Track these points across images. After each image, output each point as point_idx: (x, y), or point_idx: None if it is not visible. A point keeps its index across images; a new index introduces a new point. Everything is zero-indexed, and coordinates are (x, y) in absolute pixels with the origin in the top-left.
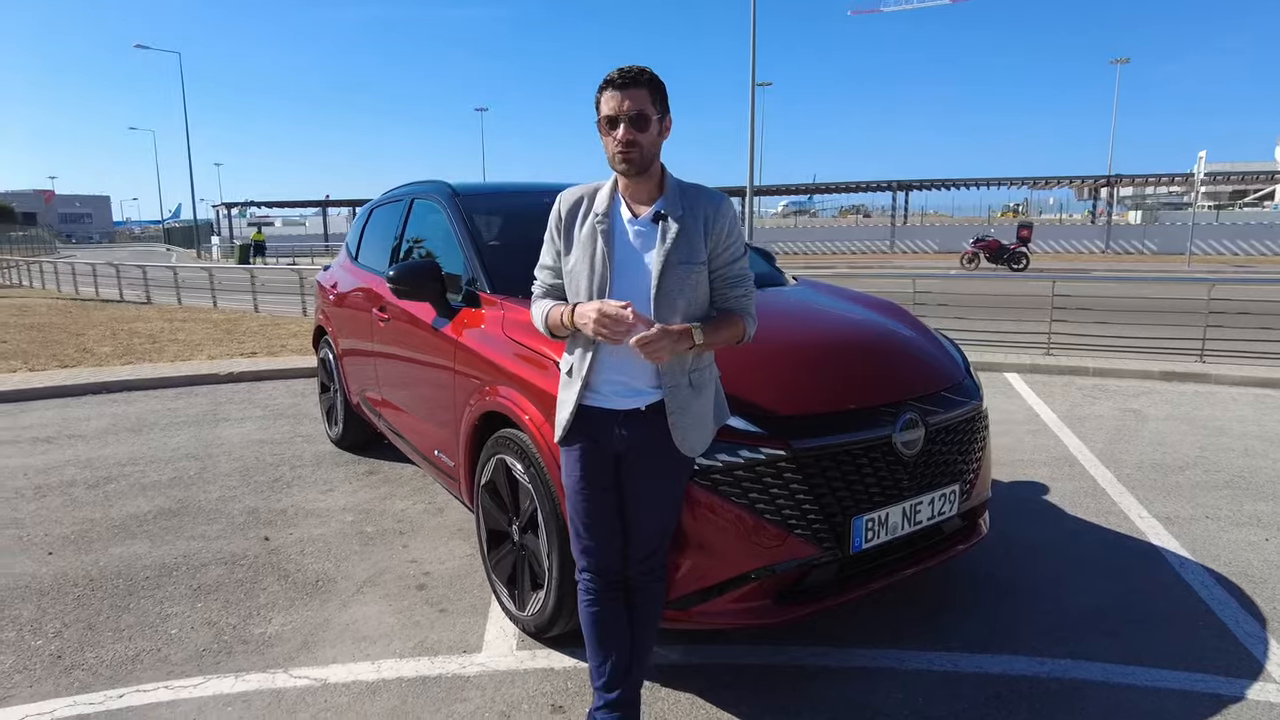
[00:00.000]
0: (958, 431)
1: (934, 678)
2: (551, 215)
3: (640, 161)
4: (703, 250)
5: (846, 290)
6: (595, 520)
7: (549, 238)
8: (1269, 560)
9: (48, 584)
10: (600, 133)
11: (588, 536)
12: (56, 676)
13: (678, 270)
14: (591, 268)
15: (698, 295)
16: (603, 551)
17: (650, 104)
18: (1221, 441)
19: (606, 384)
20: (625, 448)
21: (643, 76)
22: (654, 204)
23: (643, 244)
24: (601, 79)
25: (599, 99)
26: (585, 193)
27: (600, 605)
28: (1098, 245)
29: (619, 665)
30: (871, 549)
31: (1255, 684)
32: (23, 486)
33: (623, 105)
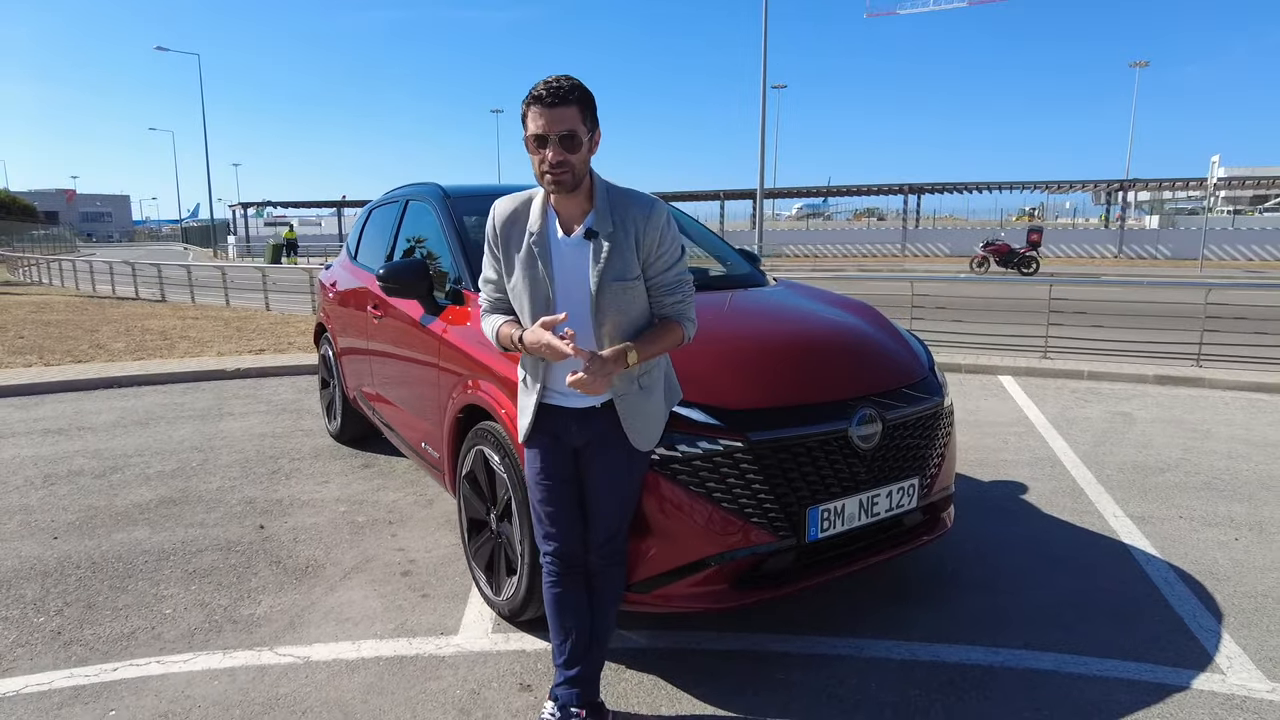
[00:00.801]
0: (917, 427)
1: (891, 665)
2: (488, 229)
3: (571, 182)
4: (636, 265)
5: (821, 291)
6: (557, 510)
7: (488, 251)
8: (1235, 559)
9: (52, 566)
10: (527, 150)
11: (550, 524)
12: (56, 651)
13: (613, 288)
14: (533, 289)
15: (635, 308)
16: (564, 538)
17: (580, 122)
18: (1206, 444)
19: (561, 385)
20: (584, 443)
21: (573, 94)
22: (585, 219)
23: (577, 262)
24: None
25: (525, 114)
26: (519, 206)
27: (562, 587)
28: (1110, 249)
29: (579, 644)
30: (828, 538)
31: (1202, 675)
32: (33, 475)
33: (552, 124)
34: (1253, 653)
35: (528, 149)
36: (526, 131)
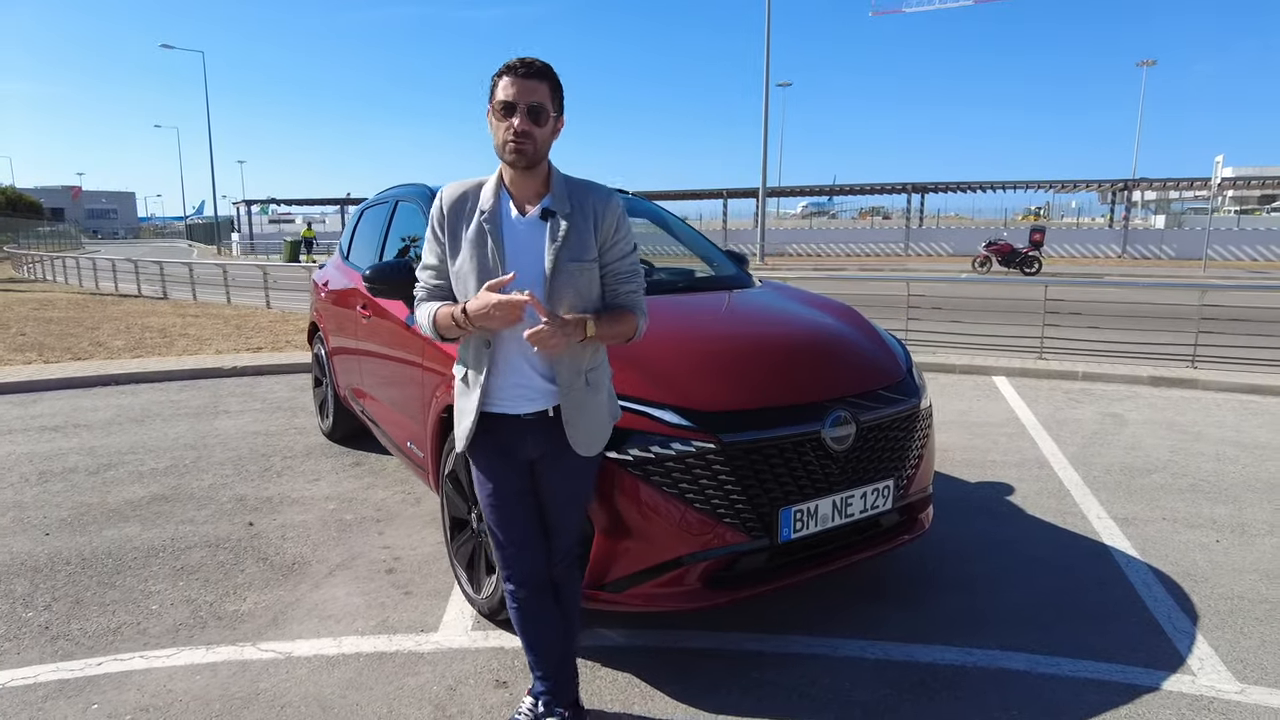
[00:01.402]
0: (893, 429)
1: (864, 665)
2: (433, 213)
3: (533, 155)
4: (593, 247)
5: (804, 293)
6: (515, 528)
7: (431, 237)
8: (1215, 561)
9: (42, 562)
10: (491, 119)
11: (509, 545)
12: (43, 645)
13: (569, 268)
14: (482, 268)
15: (590, 293)
16: (526, 558)
17: (549, 99)
18: (1195, 446)
19: (506, 389)
20: (539, 453)
21: (546, 71)
22: (541, 201)
23: (532, 242)
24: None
25: (495, 84)
26: (469, 189)
27: (530, 609)
28: (1114, 250)
29: (553, 657)
30: (801, 539)
31: (1173, 676)
32: (28, 472)
33: (521, 94)
34: (1224, 654)
35: (491, 120)
36: (493, 100)
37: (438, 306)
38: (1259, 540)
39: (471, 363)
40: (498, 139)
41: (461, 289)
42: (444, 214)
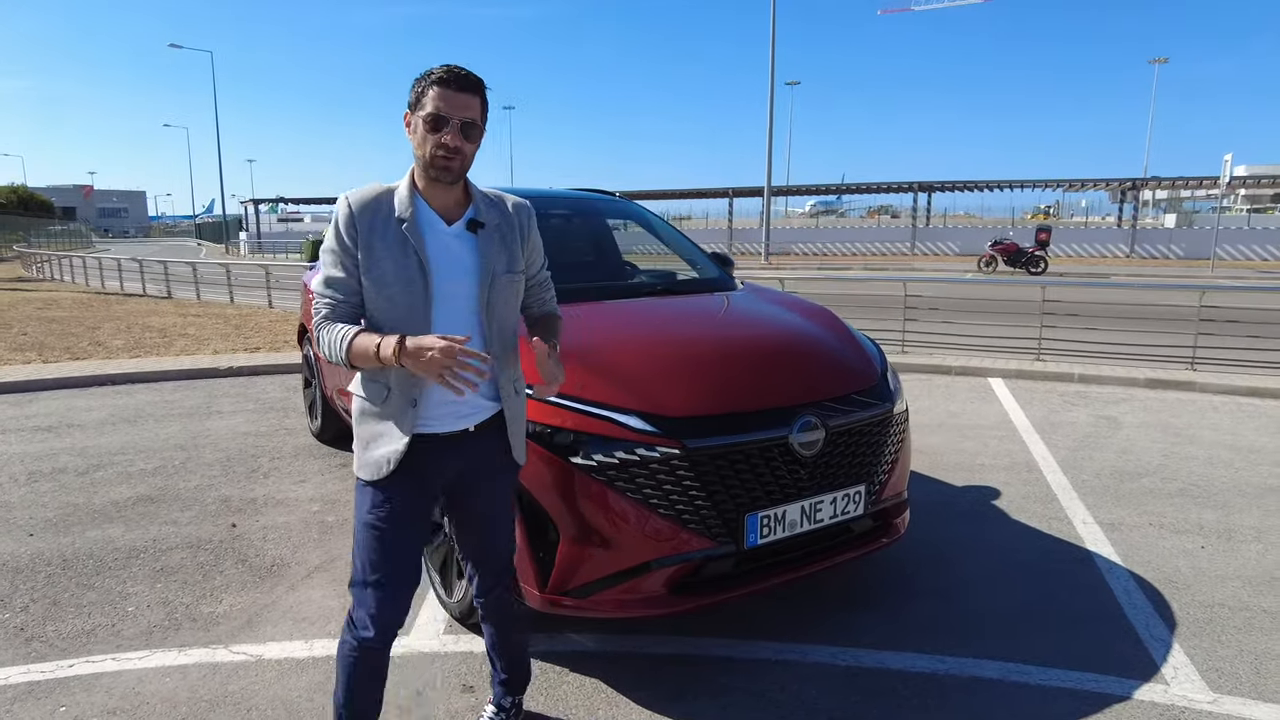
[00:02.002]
0: (864, 434)
1: (834, 671)
2: (340, 223)
3: (459, 171)
4: (521, 258)
5: (784, 295)
6: (401, 564)
7: (337, 248)
8: (1198, 567)
9: (24, 562)
10: (415, 128)
11: (388, 584)
12: (16, 647)
13: (503, 280)
14: (407, 279)
15: (517, 304)
16: (401, 600)
17: (480, 114)
18: (1187, 450)
19: (440, 406)
20: (458, 476)
21: (479, 85)
22: (465, 212)
23: (460, 253)
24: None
25: (423, 93)
26: (379, 195)
27: (378, 663)
28: (1122, 249)
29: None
30: (769, 545)
31: (1146, 685)
32: (18, 472)
33: (454, 108)
34: (1199, 663)
35: (415, 129)
36: (421, 111)
37: (351, 331)
38: (1244, 547)
39: (397, 381)
40: (423, 151)
41: (382, 301)
42: (354, 221)
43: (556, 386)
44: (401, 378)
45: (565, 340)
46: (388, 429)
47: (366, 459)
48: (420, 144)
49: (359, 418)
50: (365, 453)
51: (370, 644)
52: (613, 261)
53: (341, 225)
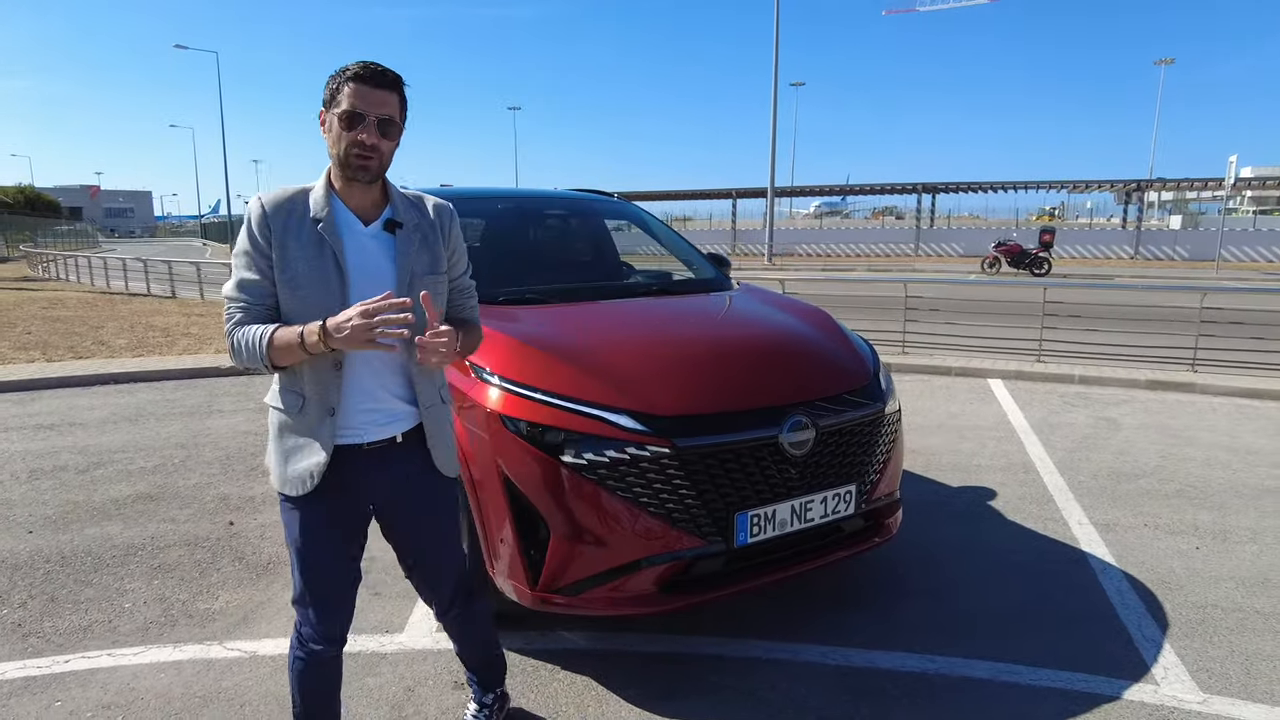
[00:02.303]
0: (855, 434)
1: (824, 671)
2: (253, 224)
3: (377, 169)
4: (444, 259)
5: (778, 296)
6: (337, 582)
7: (249, 250)
8: (1192, 568)
9: (23, 559)
10: (331, 126)
11: (328, 602)
12: (14, 642)
13: (424, 281)
14: (323, 280)
15: (443, 306)
16: (344, 612)
17: (398, 112)
18: (1185, 451)
19: (358, 414)
20: (388, 491)
21: (397, 81)
22: (383, 211)
23: (379, 254)
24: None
25: (338, 90)
26: (293, 195)
27: (333, 671)
28: (1127, 250)
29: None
30: (759, 544)
31: (1136, 685)
32: (19, 470)
33: (371, 105)
34: (1190, 663)
35: (331, 126)
36: (337, 109)
37: (269, 329)
38: (1239, 548)
39: (312, 389)
40: (338, 148)
41: (296, 304)
42: (267, 222)
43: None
44: (317, 385)
45: (558, 339)
46: (307, 442)
47: (289, 474)
48: (336, 142)
49: (277, 431)
50: (286, 467)
51: (321, 654)
52: (609, 262)
53: (254, 226)
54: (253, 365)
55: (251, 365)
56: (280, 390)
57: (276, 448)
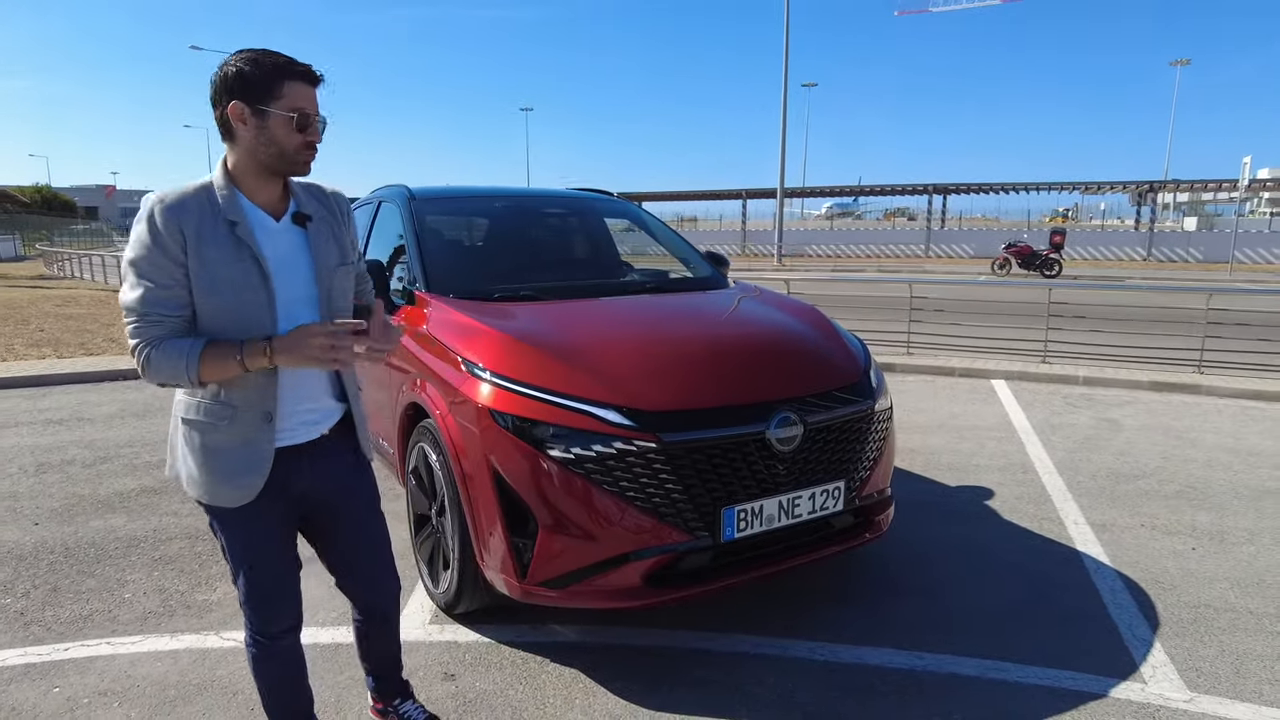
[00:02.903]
0: (844, 430)
1: (812, 666)
2: (160, 229)
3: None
4: (350, 249)
5: (771, 294)
6: (284, 578)
7: (160, 259)
8: (1186, 568)
9: (28, 550)
10: (270, 123)
11: (277, 599)
12: (16, 630)
13: (338, 273)
14: (245, 284)
15: (350, 295)
16: (295, 605)
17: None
18: (1187, 452)
19: (295, 415)
20: (314, 488)
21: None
22: (287, 205)
23: (294, 249)
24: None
25: (276, 85)
26: (195, 194)
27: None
28: (1139, 252)
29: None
30: (746, 538)
31: (1124, 683)
32: (27, 464)
33: (313, 105)
34: (1179, 662)
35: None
36: (280, 105)
37: (198, 346)
38: (1236, 549)
39: (244, 397)
40: (285, 146)
41: (212, 311)
42: (180, 228)
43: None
44: (250, 395)
45: (550, 336)
46: (243, 451)
47: (226, 488)
48: (282, 140)
49: (200, 447)
50: (220, 481)
51: (286, 643)
52: (607, 260)
53: (162, 231)
54: (173, 382)
55: (171, 382)
56: (199, 403)
57: (200, 461)
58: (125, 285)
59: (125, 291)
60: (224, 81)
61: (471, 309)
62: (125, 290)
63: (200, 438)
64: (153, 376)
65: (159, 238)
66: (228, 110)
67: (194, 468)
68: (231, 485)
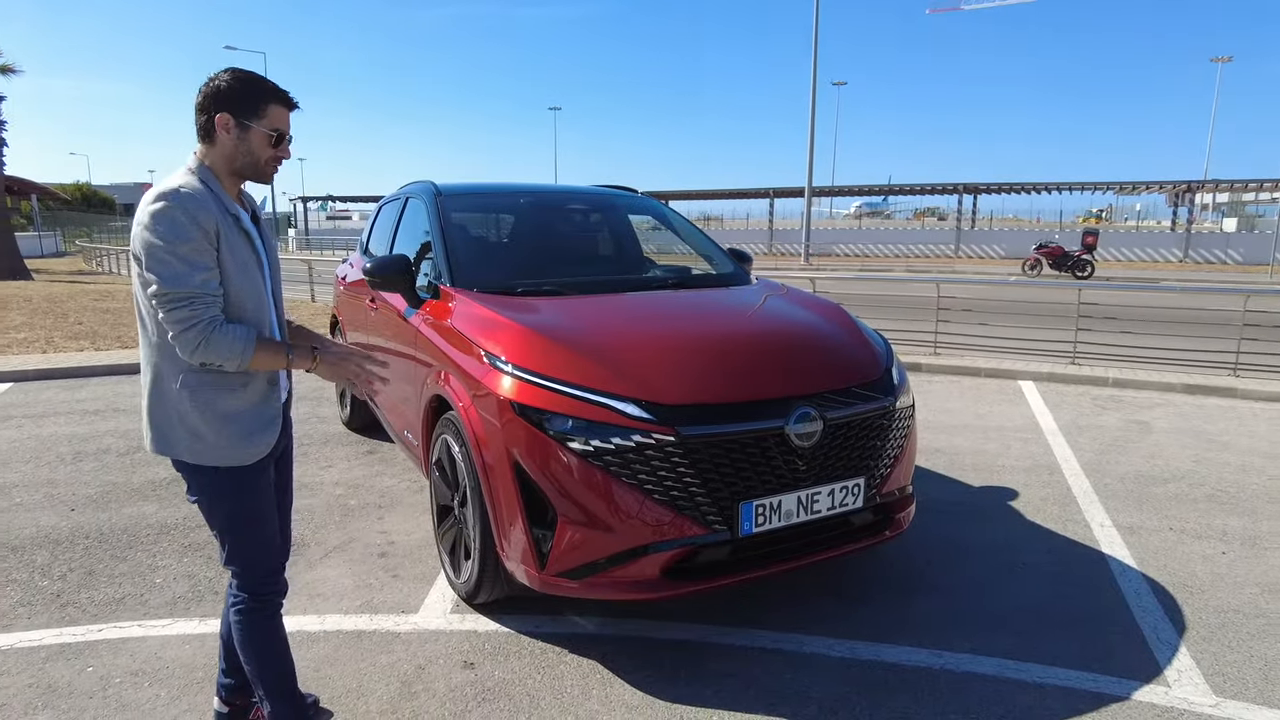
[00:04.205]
0: (864, 427)
1: (829, 662)
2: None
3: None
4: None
5: (794, 290)
6: (278, 532)
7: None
8: (1217, 572)
9: (64, 535)
10: (251, 137)
11: (280, 554)
12: (52, 611)
13: (277, 265)
14: (253, 271)
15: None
16: (285, 554)
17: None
18: (1220, 456)
19: (281, 379)
20: (284, 442)
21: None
22: (245, 205)
23: (262, 245)
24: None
25: (263, 106)
26: (201, 192)
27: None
28: (1176, 254)
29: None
30: (764, 534)
31: (1146, 686)
32: (65, 452)
33: (289, 124)
34: (1206, 667)
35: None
36: (263, 124)
37: (250, 336)
38: (1269, 554)
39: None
40: (258, 157)
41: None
42: (211, 217)
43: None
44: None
45: (571, 330)
46: (258, 412)
47: (247, 447)
48: (257, 152)
49: (219, 413)
50: (240, 442)
51: (278, 600)
52: (630, 256)
53: (199, 221)
54: (218, 362)
55: (217, 362)
56: (213, 375)
57: (219, 426)
58: (169, 272)
59: (174, 277)
60: (216, 93)
61: (494, 303)
62: (172, 277)
63: (218, 404)
64: (204, 354)
65: (197, 226)
66: (215, 118)
67: (209, 433)
68: (251, 443)
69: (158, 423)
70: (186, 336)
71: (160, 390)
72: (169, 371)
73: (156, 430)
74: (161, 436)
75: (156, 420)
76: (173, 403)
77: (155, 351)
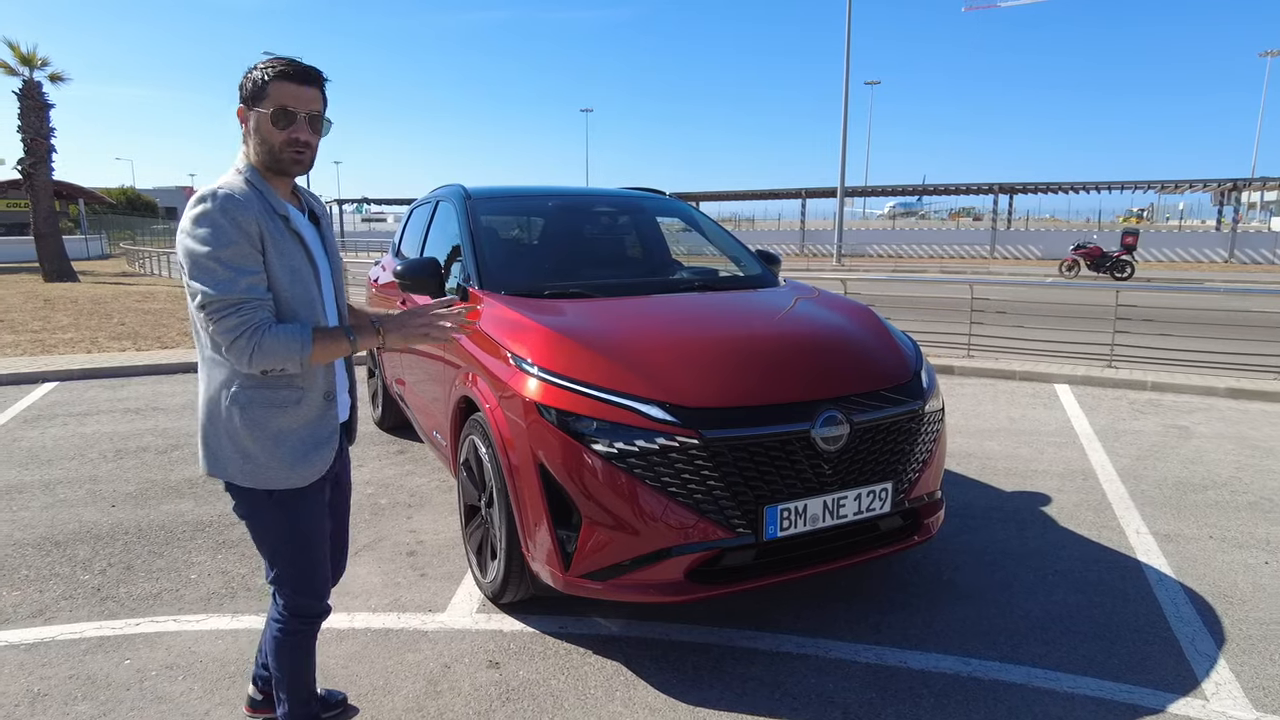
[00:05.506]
0: (892, 430)
1: (855, 667)
2: (241, 222)
3: (309, 164)
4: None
5: (822, 293)
6: (329, 556)
7: (250, 248)
8: (1259, 583)
9: (104, 531)
10: (258, 123)
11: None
12: (93, 605)
13: (339, 266)
14: (303, 275)
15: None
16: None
17: (323, 107)
18: (1265, 463)
19: (341, 394)
20: (340, 463)
21: (321, 77)
22: (300, 203)
23: (318, 244)
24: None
25: (263, 87)
26: (246, 193)
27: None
28: (1220, 254)
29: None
30: (789, 538)
31: (1183, 699)
32: (106, 450)
33: (300, 102)
34: (1245, 680)
35: (257, 124)
36: (264, 106)
37: (305, 331)
38: None
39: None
40: (271, 143)
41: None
42: (254, 219)
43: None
44: (318, 378)
45: (597, 332)
46: (312, 431)
47: (302, 468)
48: (268, 138)
49: (271, 433)
50: (296, 463)
51: (321, 621)
52: (657, 258)
53: (243, 225)
54: (279, 365)
55: (277, 366)
56: (264, 392)
57: (271, 447)
58: (213, 279)
59: (218, 284)
60: (239, 89)
61: (522, 305)
62: (216, 284)
63: (270, 423)
64: (260, 360)
65: (238, 228)
66: (238, 114)
67: (260, 453)
68: (305, 464)
69: (210, 441)
70: (238, 345)
71: (213, 407)
72: (220, 386)
73: (208, 449)
74: (213, 456)
75: (209, 439)
76: (223, 421)
77: (207, 364)
